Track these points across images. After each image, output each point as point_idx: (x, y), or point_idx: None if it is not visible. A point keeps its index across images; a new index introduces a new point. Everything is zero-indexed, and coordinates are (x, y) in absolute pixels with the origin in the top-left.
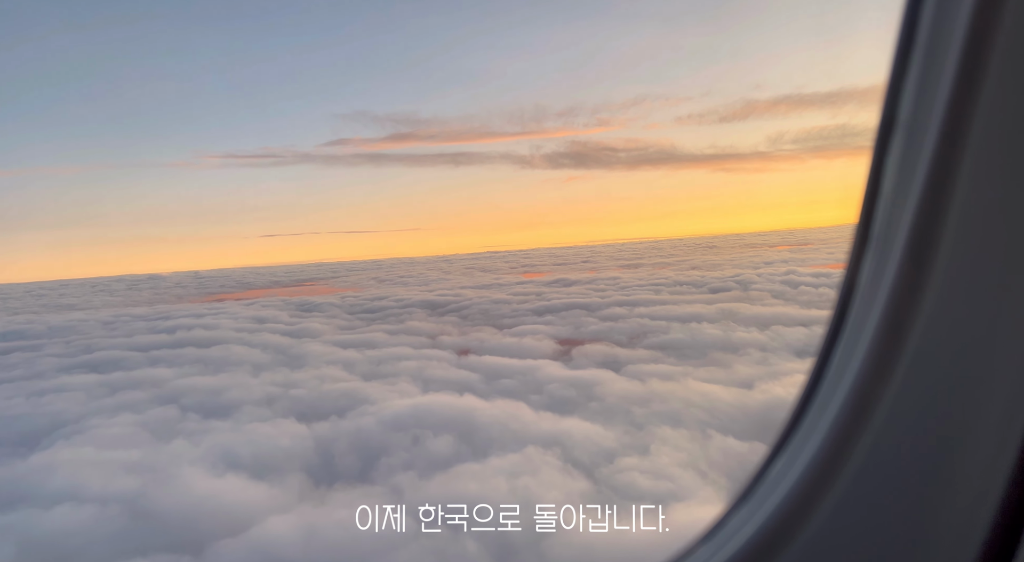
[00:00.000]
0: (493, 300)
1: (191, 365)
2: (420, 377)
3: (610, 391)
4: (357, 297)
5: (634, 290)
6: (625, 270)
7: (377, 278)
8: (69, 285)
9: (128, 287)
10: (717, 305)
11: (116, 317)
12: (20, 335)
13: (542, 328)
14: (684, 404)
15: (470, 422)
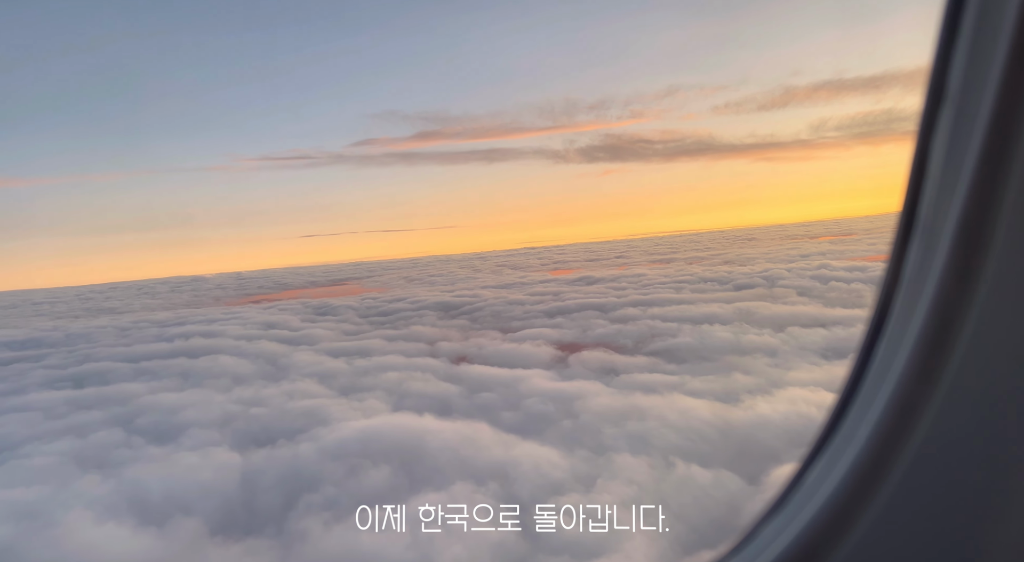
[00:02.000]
0: (508, 301)
1: (170, 378)
2: (397, 391)
3: (589, 407)
4: (377, 299)
5: (655, 288)
6: (655, 266)
7: (408, 277)
8: (118, 288)
9: (171, 289)
10: (736, 304)
11: (135, 323)
12: (37, 343)
13: (548, 332)
14: (659, 423)
15: (418, 449)
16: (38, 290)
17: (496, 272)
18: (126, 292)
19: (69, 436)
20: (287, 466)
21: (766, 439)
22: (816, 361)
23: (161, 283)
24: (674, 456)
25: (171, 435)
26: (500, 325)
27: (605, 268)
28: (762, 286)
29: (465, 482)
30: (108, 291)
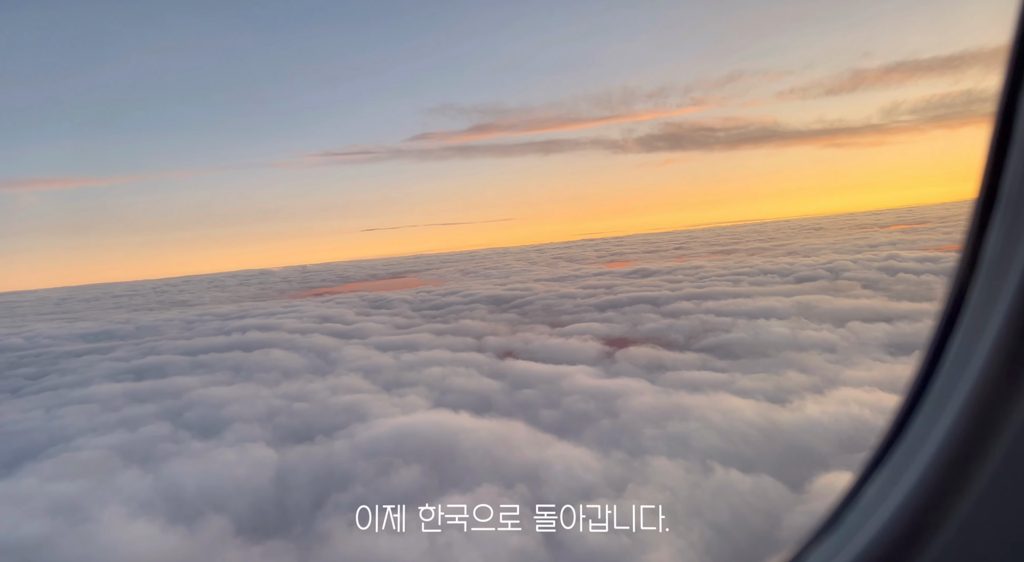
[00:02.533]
0: (560, 294)
1: (223, 372)
2: (439, 386)
3: (630, 406)
4: (431, 292)
5: (711, 281)
6: (714, 257)
7: (464, 270)
8: (191, 281)
9: (240, 283)
10: (797, 297)
11: (200, 316)
12: (109, 335)
13: (597, 327)
14: (701, 425)
15: (450, 448)
16: (119, 283)
17: (551, 265)
18: (198, 285)
19: (121, 429)
20: (320, 464)
21: (814, 443)
22: (877, 359)
23: (231, 276)
24: (713, 460)
25: (215, 430)
26: (549, 319)
27: (662, 260)
28: (825, 278)
29: (493, 484)
30: (182, 284)
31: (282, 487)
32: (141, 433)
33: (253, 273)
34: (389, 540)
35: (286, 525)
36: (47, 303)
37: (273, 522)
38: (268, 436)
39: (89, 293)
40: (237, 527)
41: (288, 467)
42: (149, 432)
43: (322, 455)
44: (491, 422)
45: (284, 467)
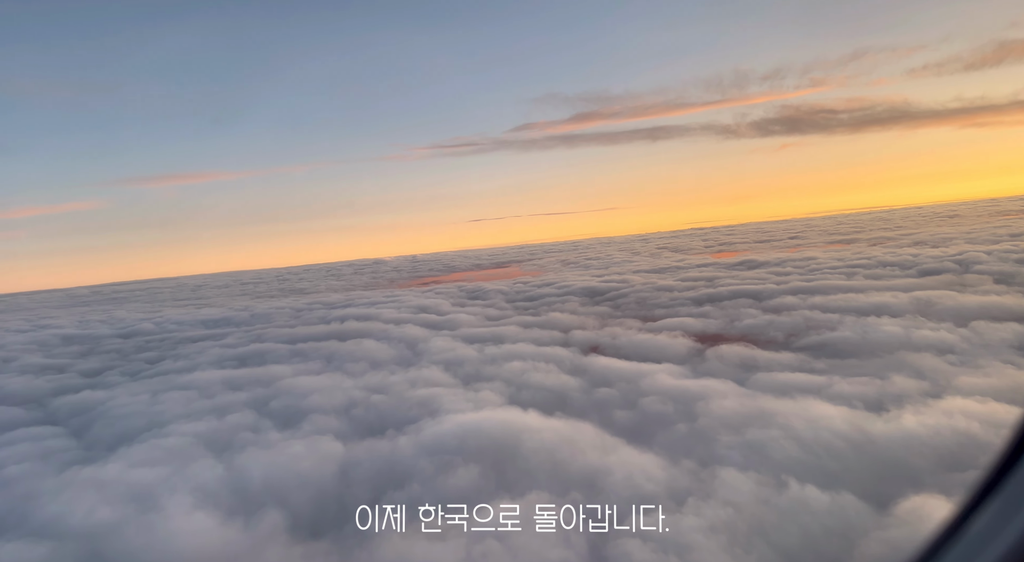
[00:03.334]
0: (657, 287)
1: (316, 361)
2: (517, 382)
3: (711, 409)
4: (527, 283)
5: (823, 274)
6: (831, 248)
7: (565, 261)
8: (311, 270)
9: (354, 272)
10: (915, 293)
11: (309, 305)
12: (227, 322)
13: (690, 322)
14: (783, 433)
15: (513, 449)
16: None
17: (654, 255)
18: (317, 274)
19: (210, 417)
20: (383, 460)
21: (908, 459)
22: (1000, 364)
23: (347, 265)
24: (789, 474)
25: (294, 420)
26: (642, 313)
27: (774, 250)
28: (952, 272)
29: (545, 490)
30: (303, 273)
31: (343, 482)
32: (227, 421)
33: (367, 262)
34: (428, 545)
35: (337, 523)
36: (184, 289)
37: (325, 520)
38: (341, 429)
39: (221, 281)
40: (291, 523)
41: (352, 462)
42: (234, 420)
43: (386, 451)
44: (559, 422)
45: (348, 462)
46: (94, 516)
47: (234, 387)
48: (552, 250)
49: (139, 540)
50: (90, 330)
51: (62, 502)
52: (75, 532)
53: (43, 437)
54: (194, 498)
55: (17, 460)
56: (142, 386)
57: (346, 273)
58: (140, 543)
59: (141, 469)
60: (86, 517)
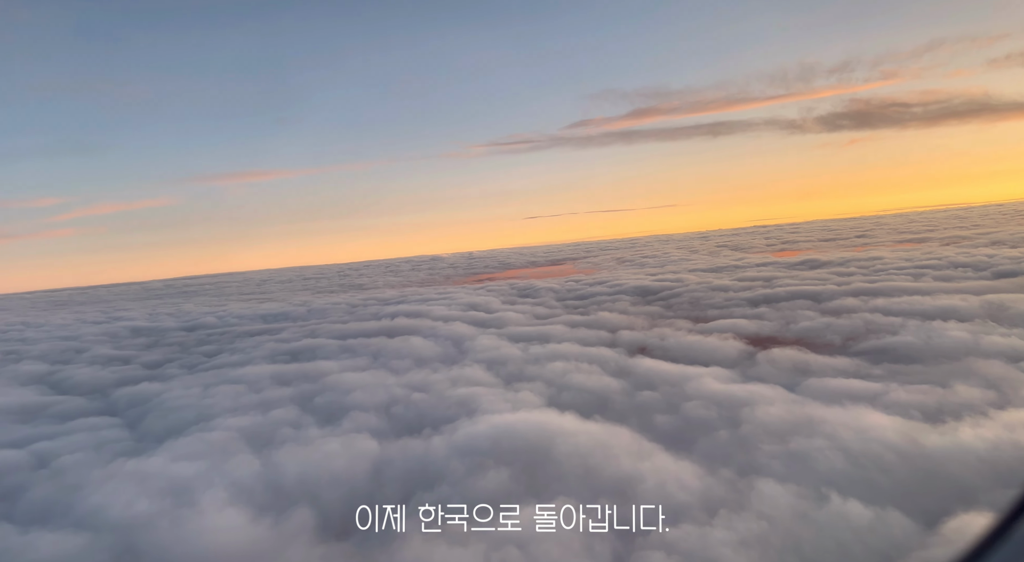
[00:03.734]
0: (712, 286)
1: (363, 358)
2: (558, 383)
3: (756, 416)
4: (579, 281)
5: (888, 275)
6: (900, 247)
7: (620, 259)
8: (370, 266)
9: (412, 268)
10: (987, 296)
11: (364, 301)
12: (284, 317)
13: (744, 324)
14: (829, 443)
15: (545, 452)
16: (310, 267)
17: (713, 253)
18: (376, 270)
19: (255, 412)
20: (417, 459)
21: (963, 475)
22: None
23: (405, 262)
24: (831, 487)
25: (335, 417)
26: (694, 313)
27: (839, 249)
28: None
29: (571, 496)
30: (363, 268)
31: (375, 482)
32: (271, 416)
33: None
34: (448, 549)
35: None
36: (250, 284)
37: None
38: (379, 426)
39: (285, 276)
40: (319, 522)
41: (386, 460)
42: (278, 416)
43: (420, 450)
44: (596, 426)
45: (382, 460)
46: (131, 509)
47: (282, 382)
48: (608, 248)
49: (171, 535)
50: (158, 323)
51: (104, 494)
52: (112, 524)
53: (100, 427)
54: (228, 494)
55: (72, 450)
56: (197, 379)
57: (404, 269)
58: (171, 538)
59: (182, 463)
60: (124, 510)
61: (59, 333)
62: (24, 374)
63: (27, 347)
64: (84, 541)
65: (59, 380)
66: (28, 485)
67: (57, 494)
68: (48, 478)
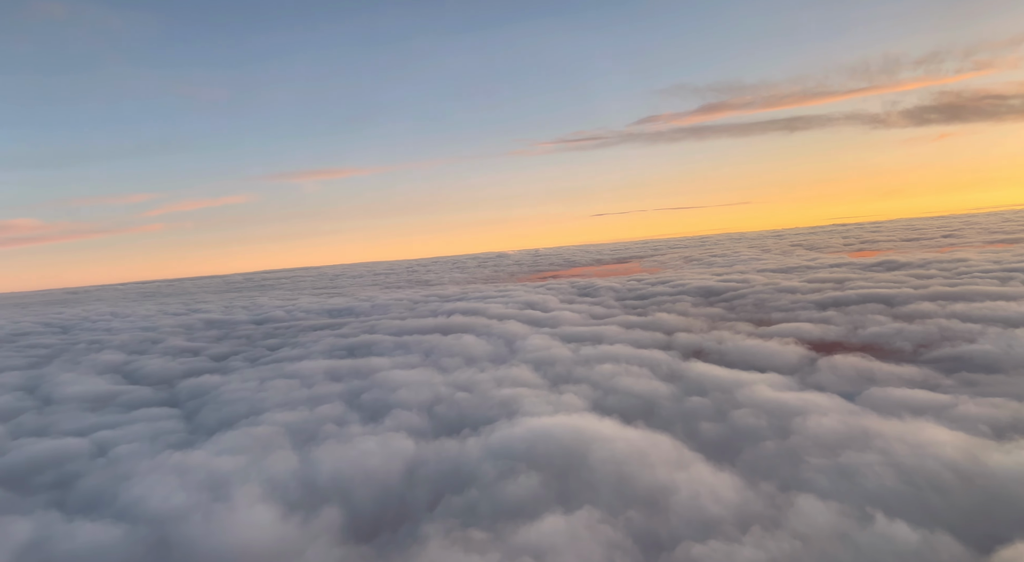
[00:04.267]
0: (779, 288)
1: (415, 355)
2: (604, 386)
3: (807, 427)
4: (641, 281)
5: (972, 278)
6: (989, 248)
7: (688, 257)
8: (439, 262)
9: (478, 265)
10: None
11: (426, 297)
12: (349, 312)
13: (808, 328)
14: (882, 458)
15: (580, 459)
16: (381, 262)
17: (785, 253)
18: (443, 266)
19: (303, 407)
20: (450, 461)
21: None
22: None
23: (472, 258)
24: (877, 506)
25: (379, 414)
26: (757, 316)
27: (921, 250)
28: None
29: (599, 507)
30: (431, 265)
31: (406, 482)
32: (317, 412)
33: (491, 256)
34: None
35: (389, 526)
36: (323, 279)
37: (381, 521)
38: (420, 426)
39: (357, 271)
40: (347, 522)
41: (420, 461)
42: (324, 412)
43: (455, 452)
44: (636, 433)
45: (416, 460)
46: (168, 502)
47: (334, 378)
48: (677, 246)
49: (201, 530)
50: (231, 316)
51: (147, 485)
52: (149, 517)
53: (159, 418)
54: (262, 490)
55: (129, 440)
56: (256, 372)
57: (470, 266)
58: (201, 533)
59: (224, 457)
60: (162, 502)
61: (141, 324)
62: (103, 363)
63: (110, 337)
64: (120, 533)
65: (132, 370)
66: (83, 473)
67: (106, 484)
68: (103, 467)
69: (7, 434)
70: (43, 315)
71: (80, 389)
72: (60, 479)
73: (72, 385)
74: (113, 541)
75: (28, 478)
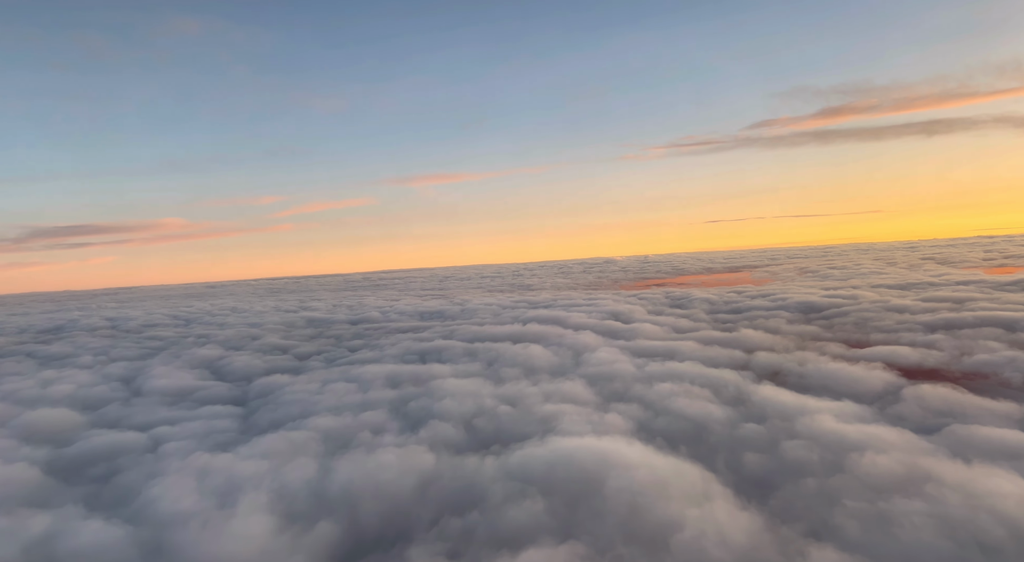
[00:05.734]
0: (889, 306)
1: (478, 363)
2: (656, 407)
3: (862, 465)
4: (742, 293)
5: None
6: None
7: (803, 269)
8: (545, 266)
9: (584, 270)
10: None
11: (514, 303)
12: (439, 315)
13: (905, 352)
14: (929, 507)
15: (597, 486)
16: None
17: (913, 267)
18: (549, 270)
19: (348, 413)
20: (464, 479)
21: None
22: None
23: (579, 263)
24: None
25: (419, 424)
26: (854, 336)
27: None
28: None
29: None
30: (538, 269)
31: (415, 498)
32: (360, 419)
33: (598, 262)
34: None
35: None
36: (433, 280)
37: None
38: (453, 438)
39: (466, 273)
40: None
41: (435, 476)
42: (366, 419)
43: (472, 469)
44: (666, 461)
45: (431, 476)
46: (177, 505)
47: (392, 384)
48: (797, 256)
49: (192, 537)
50: (332, 315)
51: (165, 487)
52: (155, 519)
53: (219, 416)
54: (269, 499)
55: (183, 437)
56: (324, 374)
57: (575, 271)
58: (191, 540)
59: (251, 461)
60: (171, 505)
61: (251, 320)
62: (199, 358)
63: (218, 331)
64: (121, 534)
65: (221, 366)
66: (124, 468)
67: (137, 481)
68: (145, 464)
69: (87, 424)
70: (176, 307)
71: (166, 382)
72: (106, 473)
73: (161, 378)
74: (111, 542)
75: (81, 469)
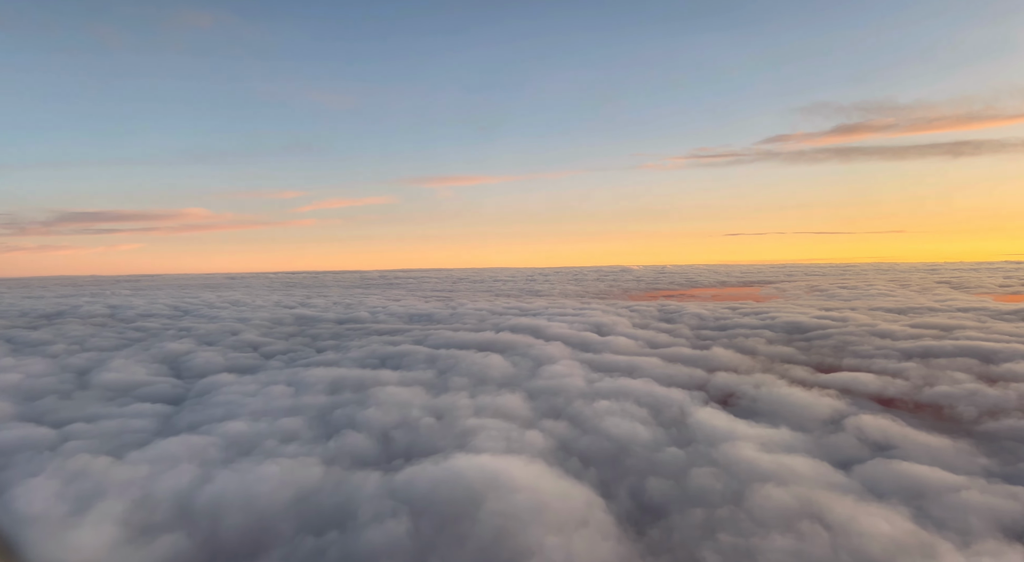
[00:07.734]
0: (875, 330)
1: (431, 371)
2: (583, 425)
3: (756, 497)
4: (735, 309)
5: None
6: None
7: (813, 287)
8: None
9: (596, 278)
10: None
11: (507, 308)
12: (427, 318)
13: (868, 379)
14: (797, 545)
15: (474, 508)
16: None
17: (924, 290)
18: (563, 277)
19: (267, 418)
20: (343, 495)
21: None
22: None
23: (594, 271)
24: None
25: (332, 434)
26: (827, 360)
27: None
28: None
29: None
30: (553, 274)
31: (282, 514)
32: (276, 425)
33: (613, 270)
34: None
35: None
36: (446, 282)
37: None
38: (358, 451)
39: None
40: (175, 555)
41: (314, 491)
42: (282, 425)
43: (355, 485)
44: (555, 484)
45: (310, 491)
46: (28, 508)
47: (331, 389)
48: (814, 273)
49: (31, 541)
50: (324, 313)
51: (30, 488)
52: (5, 521)
53: (142, 415)
54: (125, 508)
55: (92, 436)
56: (271, 375)
57: (588, 279)
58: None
59: (130, 466)
60: (23, 506)
61: (243, 314)
62: (165, 352)
63: (204, 325)
64: None
65: (182, 362)
66: (10, 465)
67: (11, 479)
68: (35, 462)
69: (12, 416)
70: (182, 298)
71: (116, 377)
72: None
73: (113, 372)
74: None
75: None
